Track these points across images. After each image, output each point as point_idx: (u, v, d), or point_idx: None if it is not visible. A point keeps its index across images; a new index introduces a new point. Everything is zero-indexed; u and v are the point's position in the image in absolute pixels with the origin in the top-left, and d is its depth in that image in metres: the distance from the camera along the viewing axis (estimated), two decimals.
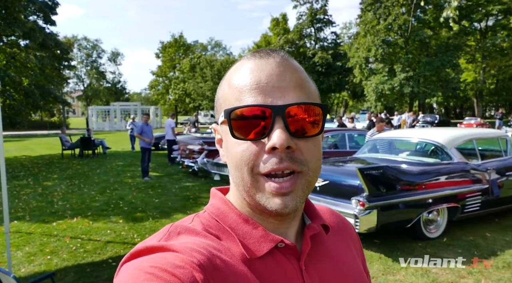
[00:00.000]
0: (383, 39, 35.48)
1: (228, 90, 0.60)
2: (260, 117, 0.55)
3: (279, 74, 0.57)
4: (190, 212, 6.46)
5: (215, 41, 61.75)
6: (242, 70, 0.59)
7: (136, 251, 0.54)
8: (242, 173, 0.57)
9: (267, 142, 0.55)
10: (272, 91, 0.56)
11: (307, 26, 45.71)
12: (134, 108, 41.81)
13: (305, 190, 0.57)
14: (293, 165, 0.55)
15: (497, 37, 40.33)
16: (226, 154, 0.62)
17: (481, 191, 5.06)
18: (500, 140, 5.86)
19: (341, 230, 0.74)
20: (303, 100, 0.56)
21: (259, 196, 0.56)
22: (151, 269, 0.48)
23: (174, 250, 0.52)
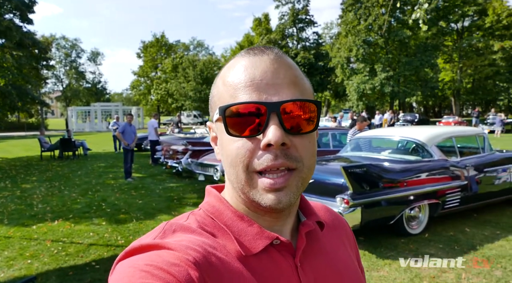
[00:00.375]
0: (364, 39, 35.99)
1: (223, 87, 0.60)
2: (255, 114, 0.55)
3: (273, 71, 0.57)
4: (175, 212, 6.41)
5: (197, 41, 61.36)
6: (237, 67, 0.59)
7: (131, 249, 0.53)
8: (237, 170, 0.57)
9: (262, 138, 0.55)
10: (267, 88, 0.56)
11: (289, 26, 45.94)
12: (116, 109, 41.12)
13: (299, 186, 0.57)
14: (288, 161, 0.55)
15: (473, 37, 41.52)
16: (221, 152, 0.62)
17: (460, 187, 5.20)
18: (477, 138, 6.03)
19: (336, 227, 0.74)
20: (297, 97, 0.57)
21: (253, 193, 0.57)
22: (146, 267, 0.48)
23: (169, 248, 0.52)
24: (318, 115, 0.58)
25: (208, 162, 7.29)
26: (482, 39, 41.02)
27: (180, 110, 44.06)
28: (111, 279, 0.50)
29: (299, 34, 46.29)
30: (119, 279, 0.48)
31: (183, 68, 44.76)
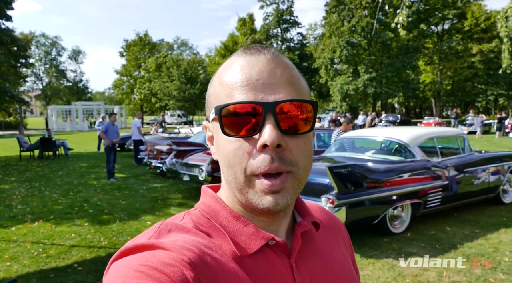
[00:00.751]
0: (347, 40, 36.45)
1: (219, 87, 0.60)
2: (251, 114, 0.55)
3: (270, 71, 0.57)
4: (159, 213, 6.34)
5: (181, 40, 60.87)
6: (233, 67, 0.59)
7: (125, 249, 0.53)
8: (235, 172, 0.57)
9: (258, 139, 0.55)
10: (263, 88, 0.56)
11: (273, 27, 46.11)
12: (97, 108, 40.44)
13: (295, 188, 0.57)
14: (283, 165, 0.55)
15: (453, 40, 42.56)
16: (217, 151, 0.62)
17: (442, 187, 5.31)
18: (458, 138, 6.19)
19: (331, 227, 0.75)
20: (294, 97, 0.56)
21: (251, 194, 0.56)
22: (141, 267, 0.47)
23: (164, 247, 0.51)
24: (315, 116, 0.58)
25: (193, 162, 7.24)
26: (461, 42, 42.10)
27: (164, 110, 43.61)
28: (106, 279, 0.49)
29: (283, 35, 46.50)
30: (114, 280, 0.47)
31: (167, 68, 44.35)
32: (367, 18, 36.17)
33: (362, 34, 36.70)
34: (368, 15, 36.64)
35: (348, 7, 36.80)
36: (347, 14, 36.84)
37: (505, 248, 4.52)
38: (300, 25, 46.37)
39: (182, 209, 6.54)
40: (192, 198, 7.39)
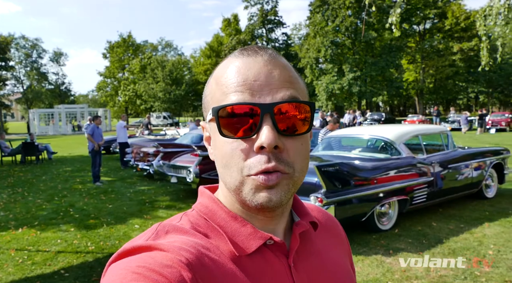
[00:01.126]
0: (332, 40, 36.77)
1: (216, 88, 0.60)
2: (248, 116, 0.55)
3: (267, 72, 0.57)
4: (147, 216, 6.28)
5: (165, 41, 60.40)
6: (230, 68, 0.59)
7: (123, 251, 0.53)
8: (231, 172, 0.57)
9: (255, 140, 0.55)
10: (260, 89, 0.56)
11: (258, 27, 46.17)
12: (81, 111, 39.77)
13: (290, 187, 0.57)
14: (280, 165, 0.55)
15: (434, 39, 43.40)
16: (214, 152, 0.62)
17: (427, 183, 5.41)
18: (442, 135, 6.30)
19: (329, 228, 0.75)
20: (291, 98, 0.57)
21: (246, 192, 0.56)
22: (139, 269, 0.47)
23: (162, 249, 0.51)
24: (312, 117, 0.58)
25: (180, 163, 7.19)
26: (442, 41, 42.95)
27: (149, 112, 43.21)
28: (103, 281, 0.49)
29: (268, 35, 46.62)
30: (111, 281, 0.47)
31: (152, 69, 43.95)
32: (350, 18, 36.58)
33: (346, 33, 37.10)
34: (352, 15, 37.05)
35: (332, 7, 37.13)
36: (331, 14, 37.18)
37: (489, 241, 4.62)
38: (284, 25, 46.57)
39: (170, 211, 6.49)
40: (180, 200, 7.34)
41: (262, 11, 45.29)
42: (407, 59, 45.35)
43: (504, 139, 18.24)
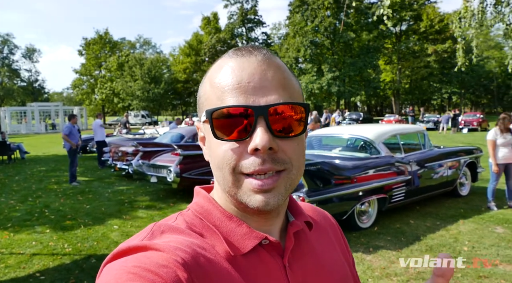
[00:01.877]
0: (311, 40, 37.14)
1: (210, 89, 0.60)
2: (242, 118, 0.54)
3: (261, 73, 0.56)
4: (127, 216, 6.16)
5: (144, 39, 59.50)
6: (224, 69, 0.58)
7: (118, 251, 0.53)
8: (224, 173, 0.56)
9: (249, 142, 0.54)
10: (254, 91, 0.55)
11: (238, 26, 46.11)
12: (55, 109, 38.65)
13: (287, 187, 0.57)
14: (275, 166, 0.55)
15: (410, 40, 44.47)
16: (208, 153, 0.62)
17: (405, 182, 5.53)
18: (419, 134, 6.46)
19: (324, 226, 0.75)
20: (286, 100, 0.56)
21: (241, 194, 0.56)
22: (134, 269, 0.47)
23: (158, 249, 0.51)
24: (307, 118, 0.58)
25: (161, 163, 7.09)
26: (417, 42, 44.07)
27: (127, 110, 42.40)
28: (98, 281, 0.49)
29: (248, 34, 46.61)
30: (106, 282, 0.47)
31: (130, 67, 43.18)
32: (329, 18, 37.03)
33: (325, 34, 37.53)
34: (331, 16, 37.51)
35: (311, 7, 37.48)
36: (310, 14, 37.53)
37: (464, 238, 4.77)
38: (264, 24, 46.69)
39: (150, 211, 6.39)
40: (160, 200, 7.24)
41: (242, 10, 45.25)
42: (384, 60, 46.32)
43: (476, 139, 18.88)
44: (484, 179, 7.68)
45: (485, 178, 7.72)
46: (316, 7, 37.14)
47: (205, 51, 45.05)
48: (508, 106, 54.16)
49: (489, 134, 5.94)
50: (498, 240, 4.67)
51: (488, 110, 56.10)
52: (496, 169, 5.86)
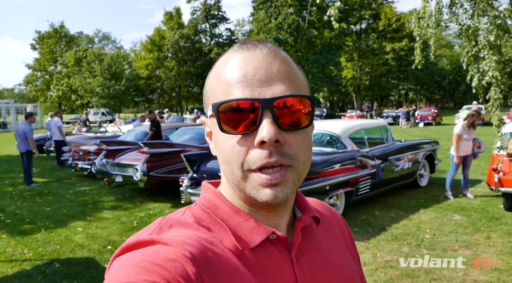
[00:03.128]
0: (275, 37, 37.42)
1: (216, 83, 0.60)
2: (248, 111, 0.55)
3: (266, 66, 0.57)
4: (91, 218, 5.93)
5: (102, 34, 57.25)
6: (230, 63, 0.59)
7: (127, 245, 0.54)
8: (232, 168, 0.57)
9: (256, 135, 0.54)
10: (260, 84, 0.55)
11: (201, 22, 45.57)
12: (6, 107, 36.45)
13: (295, 181, 0.57)
14: (282, 159, 0.55)
15: (369, 38, 46.00)
16: (215, 148, 0.62)
17: (370, 175, 5.73)
18: (382, 129, 6.71)
19: (331, 222, 0.75)
20: (291, 93, 0.56)
21: (249, 189, 0.56)
22: (143, 263, 0.48)
23: (166, 243, 0.52)
24: (313, 111, 0.58)
25: (126, 161, 6.87)
26: (376, 40, 45.66)
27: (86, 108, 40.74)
28: (108, 275, 0.50)
29: (212, 30, 46.21)
30: (115, 276, 0.48)
31: (88, 62, 41.42)
32: (292, 15, 37.45)
33: (288, 31, 37.93)
34: (294, 13, 37.94)
35: (274, 4, 37.73)
36: (274, 11, 37.77)
37: (425, 226, 5.02)
38: (228, 20, 46.46)
39: (116, 212, 6.19)
40: (126, 200, 7.03)
41: (206, 5, 44.73)
42: (345, 57, 47.58)
43: (432, 132, 19.90)
44: (440, 170, 8.12)
45: (442, 169, 8.16)
46: (280, 4, 37.44)
47: (168, 47, 44.14)
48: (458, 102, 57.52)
49: (456, 128, 6.26)
50: (456, 227, 4.96)
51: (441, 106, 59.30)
52: (457, 160, 6.21)
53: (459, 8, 6.02)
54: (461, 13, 6.12)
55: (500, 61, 6.05)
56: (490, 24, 5.61)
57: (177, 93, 49.40)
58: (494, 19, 5.59)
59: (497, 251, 4.16)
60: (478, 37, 6.01)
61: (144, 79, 47.47)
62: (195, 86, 48.66)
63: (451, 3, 6.15)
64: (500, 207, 5.69)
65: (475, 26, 5.85)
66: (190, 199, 5.44)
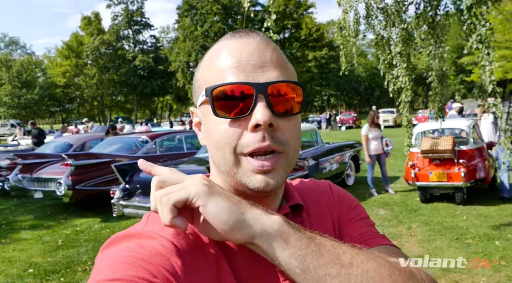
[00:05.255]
0: (202, 44, 37.29)
1: (208, 70, 0.60)
2: (242, 95, 0.55)
3: (260, 52, 0.58)
4: (6, 240, 5.31)
5: (10, 38, 51.90)
6: (223, 50, 0.59)
7: (113, 239, 0.53)
8: (224, 153, 0.57)
9: (249, 120, 0.55)
10: (254, 69, 0.56)
11: (124, 28, 43.76)
12: None
13: (286, 169, 0.58)
14: (275, 144, 0.56)
15: (293, 47, 48.11)
16: (205, 136, 0.62)
17: (304, 177, 5.96)
18: (312, 132, 7.04)
19: (319, 203, 0.72)
20: (284, 79, 0.58)
21: (241, 175, 0.57)
22: (127, 258, 0.48)
23: (152, 237, 0.52)
24: (304, 98, 0.60)
25: (47, 175, 6.28)
26: (299, 49, 47.90)
27: None
28: (93, 271, 0.49)
29: (135, 37, 44.58)
30: (101, 271, 0.47)
31: None
32: (218, 23, 37.72)
33: (215, 39, 38.03)
34: (220, 21, 38.24)
35: (200, 12, 37.67)
36: (199, 19, 37.68)
37: None
38: (152, 27, 45.22)
39: (37, 232, 5.62)
40: (48, 217, 6.42)
41: (127, 11, 43.06)
42: None
43: (353, 135, 21.35)
44: (364, 170, 8.74)
45: (365, 168, 8.79)
46: (205, 12, 37.48)
47: (88, 54, 41.52)
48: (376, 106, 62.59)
49: (363, 130, 6.84)
50: (382, 220, 5.37)
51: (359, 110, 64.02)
52: (369, 159, 6.77)
53: (374, 19, 6.57)
54: (376, 24, 6.69)
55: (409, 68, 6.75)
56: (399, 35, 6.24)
57: (99, 102, 46.67)
58: (402, 31, 6.22)
59: (418, 239, 4.60)
60: (391, 46, 6.62)
61: (61, 87, 44.05)
62: (119, 95, 46.41)
63: (367, 15, 6.67)
64: (417, 199, 6.30)
65: (388, 36, 6.45)
66: (123, 212, 5.16)
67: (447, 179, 5.76)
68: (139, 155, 6.89)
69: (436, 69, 5.75)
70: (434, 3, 5.70)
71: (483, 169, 5.95)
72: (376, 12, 6.37)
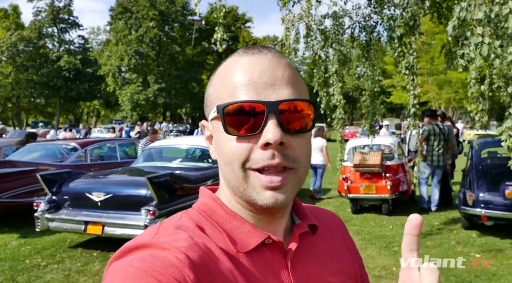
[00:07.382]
0: (136, 49, 36.00)
1: (221, 86, 0.61)
2: (253, 113, 0.56)
3: (272, 70, 0.58)
4: None
5: None
6: (235, 67, 0.60)
7: (126, 249, 0.53)
8: (233, 168, 0.57)
9: (260, 137, 0.55)
10: (265, 88, 0.57)
11: (48, 25, 40.58)
12: None
13: (295, 185, 0.59)
14: (285, 161, 0.56)
15: None
16: (216, 151, 0.62)
17: None
18: None
19: (331, 228, 0.74)
20: (296, 97, 0.58)
21: (250, 191, 0.57)
22: (140, 268, 0.48)
23: (164, 247, 0.52)
24: (315, 115, 0.61)
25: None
26: None
27: None
28: (105, 279, 0.49)
29: (61, 35, 41.57)
30: (113, 280, 0.48)
31: None
32: (154, 29, 36.79)
33: (150, 45, 37.06)
34: (156, 27, 37.32)
35: (135, 16, 36.43)
36: (134, 23, 36.41)
37: None
38: (81, 27, 42.58)
39: None
40: None
41: (53, 7, 40.06)
42: (207, 75, 49.05)
43: None
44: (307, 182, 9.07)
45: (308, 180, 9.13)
46: (141, 17, 36.31)
47: (3, 50, 37.59)
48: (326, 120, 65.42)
49: None
50: None
51: None
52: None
53: (313, 39, 6.92)
54: (315, 44, 7.05)
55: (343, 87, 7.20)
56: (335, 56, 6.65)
57: (14, 104, 42.41)
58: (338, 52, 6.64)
59: None
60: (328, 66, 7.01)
61: None
62: (39, 97, 42.64)
63: (307, 34, 7.00)
64: (348, 210, 6.68)
65: (326, 56, 6.83)
66: (48, 225, 4.70)
67: (376, 191, 6.20)
68: (67, 164, 6.39)
69: (370, 90, 6.20)
70: (368, 30, 6.18)
71: (405, 182, 6.53)
72: (316, 33, 6.73)
